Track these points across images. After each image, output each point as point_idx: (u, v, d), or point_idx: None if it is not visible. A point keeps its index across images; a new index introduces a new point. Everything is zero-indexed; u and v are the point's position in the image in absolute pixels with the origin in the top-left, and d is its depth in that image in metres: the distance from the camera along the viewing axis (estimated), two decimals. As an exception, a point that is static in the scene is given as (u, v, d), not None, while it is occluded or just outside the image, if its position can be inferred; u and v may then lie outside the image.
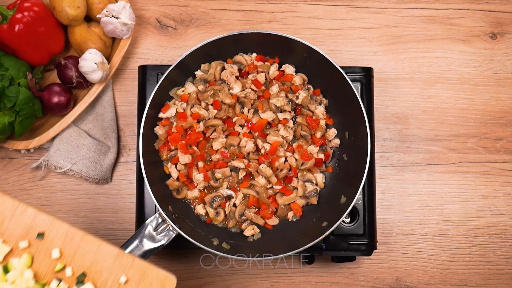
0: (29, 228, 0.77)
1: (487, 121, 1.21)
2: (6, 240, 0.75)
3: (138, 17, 1.22)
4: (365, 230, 1.07)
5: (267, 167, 1.05)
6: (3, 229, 0.76)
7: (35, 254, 0.77)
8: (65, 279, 0.76)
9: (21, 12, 1.05)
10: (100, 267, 0.77)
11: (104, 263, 0.77)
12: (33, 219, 0.77)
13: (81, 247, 0.77)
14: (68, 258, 0.77)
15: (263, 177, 1.06)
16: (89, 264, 0.77)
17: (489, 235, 1.18)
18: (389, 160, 1.20)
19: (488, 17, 1.25)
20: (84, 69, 1.09)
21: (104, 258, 0.77)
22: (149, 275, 0.77)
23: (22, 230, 0.77)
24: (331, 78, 1.06)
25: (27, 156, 1.17)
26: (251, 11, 1.23)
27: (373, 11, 1.24)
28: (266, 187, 1.07)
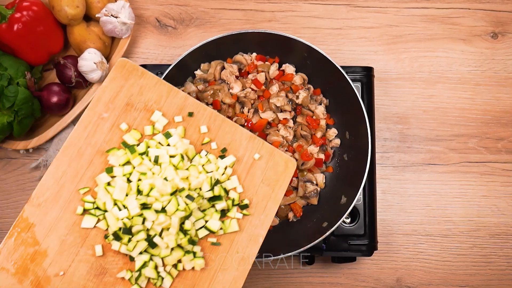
0: (181, 108, 0.92)
1: (488, 121, 1.21)
2: (164, 114, 0.90)
3: (138, 17, 1.22)
4: (366, 231, 1.07)
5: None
6: (161, 105, 0.91)
7: (187, 127, 0.92)
8: (211, 151, 0.92)
9: (20, 11, 1.05)
10: (237, 145, 0.92)
11: (241, 142, 0.93)
12: (184, 100, 0.92)
13: (222, 127, 0.93)
14: (213, 134, 0.93)
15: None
16: (229, 142, 0.92)
17: (490, 235, 1.17)
18: (390, 160, 1.20)
19: (489, 17, 1.24)
20: (83, 69, 1.08)
21: (240, 138, 0.93)
22: (275, 155, 0.93)
23: (175, 108, 0.91)
24: (332, 77, 1.06)
25: (26, 156, 1.17)
26: (251, 10, 1.23)
27: (374, 10, 1.24)
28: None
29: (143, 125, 0.90)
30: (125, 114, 0.89)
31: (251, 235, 0.90)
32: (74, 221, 0.85)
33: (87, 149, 0.87)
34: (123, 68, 0.91)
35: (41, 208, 0.84)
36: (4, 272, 0.81)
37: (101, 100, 0.89)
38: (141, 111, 0.90)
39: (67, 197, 0.85)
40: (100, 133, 0.88)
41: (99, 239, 0.85)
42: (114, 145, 0.88)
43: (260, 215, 0.91)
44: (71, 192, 0.85)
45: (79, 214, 0.85)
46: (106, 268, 0.84)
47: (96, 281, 0.84)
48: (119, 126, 0.89)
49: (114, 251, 0.85)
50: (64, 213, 0.85)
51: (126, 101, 0.90)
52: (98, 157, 0.87)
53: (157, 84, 0.92)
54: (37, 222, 0.84)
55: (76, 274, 0.83)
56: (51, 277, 0.82)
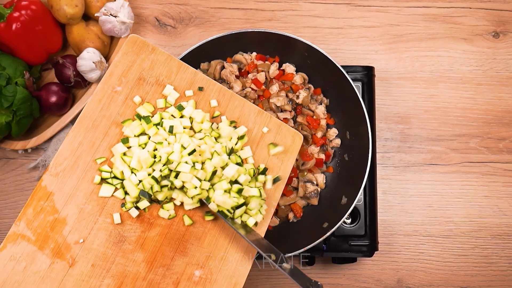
0: (191, 82, 0.95)
1: (490, 120, 1.21)
2: (175, 88, 0.94)
3: (137, 16, 1.21)
4: (366, 231, 1.07)
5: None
6: (172, 80, 0.94)
7: (198, 101, 0.95)
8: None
9: (19, 10, 1.04)
10: (246, 119, 0.97)
11: (249, 116, 0.97)
12: (194, 75, 0.96)
13: (231, 102, 0.97)
14: (222, 109, 0.96)
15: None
16: (238, 116, 0.97)
17: (492, 236, 1.17)
18: (391, 160, 1.19)
19: (491, 16, 1.24)
20: (82, 68, 1.08)
21: (248, 112, 0.97)
22: (283, 129, 0.98)
23: (186, 83, 0.95)
24: (332, 77, 1.06)
25: (25, 156, 1.17)
26: (251, 10, 1.23)
27: (375, 9, 1.23)
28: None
29: (155, 99, 0.93)
30: (138, 87, 0.93)
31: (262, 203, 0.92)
32: (92, 190, 0.87)
33: (102, 121, 0.90)
34: (134, 43, 0.94)
35: (59, 177, 0.87)
36: (24, 240, 0.83)
37: (114, 74, 0.92)
38: (153, 85, 0.94)
39: (84, 167, 0.88)
40: (114, 106, 0.91)
41: (117, 208, 0.87)
42: (128, 117, 0.91)
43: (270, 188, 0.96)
44: (87, 162, 0.88)
45: (96, 184, 0.88)
46: (124, 236, 0.87)
47: (115, 249, 0.86)
48: (132, 99, 0.92)
49: (131, 219, 0.87)
50: (82, 182, 0.87)
51: (138, 75, 0.93)
52: (113, 129, 0.90)
53: (167, 60, 0.95)
54: (56, 191, 0.86)
55: (96, 241, 0.86)
56: (71, 244, 0.85)
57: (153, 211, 0.89)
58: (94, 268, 0.84)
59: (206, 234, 0.90)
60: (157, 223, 0.88)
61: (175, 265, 0.87)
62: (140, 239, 0.87)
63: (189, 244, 0.89)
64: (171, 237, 0.88)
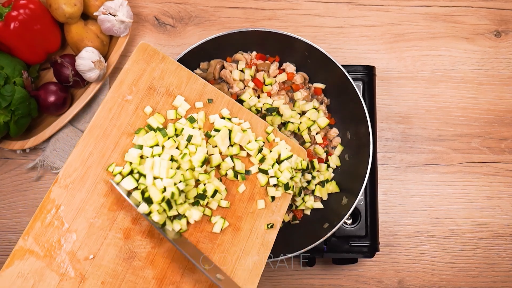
0: (201, 94, 0.95)
1: (492, 120, 1.20)
2: (185, 99, 0.93)
3: (136, 15, 1.21)
4: (367, 232, 1.06)
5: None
6: (182, 91, 0.93)
7: (207, 112, 0.95)
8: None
9: (17, 9, 1.04)
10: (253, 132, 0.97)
11: (256, 130, 0.97)
12: (204, 87, 0.95)
13: (239, 115, 0.97)
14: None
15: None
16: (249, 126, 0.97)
17: (494, 237, 1.17)
18: (392, 160, 1.19)
19: (493, 15, 1.23)
20: (81, 68, 1.07)
21: (256, 126, 0.98)
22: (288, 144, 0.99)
23: (196, 94, 0.94)
24: (333, 77, 1.05)
25: (23, 156, 1.16)
26: (251, 9, 1.22)
27: (375, 8, 1.23)
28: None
29: (166, 109, 0.91)
30: (148, 97, 0.91)
31: (268, 221, 0.94)
32: (102, 204, 0.85)
33: (112, 130, 0.88)
34: (144, 51, 0.92)
35: (68, 189, 0.84)
36: (33, 256, 0.81)
37: (124, 82, 0.91)
38: (163, 95, 0.92)
39: (94, 178, 0.86)
40: (125, 115, 0.89)
41: (127, 222, 0.85)
42: (139, 127, 0.89)
43: (276, 201, 0.96)
44: (98, 174, 0.86)
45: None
46: (134, 252, 0.85)
47: (125, 265, 0.84)
48: (143, 109, 0.90)
49: (142, 234, 0.86)
50: (92, 195, 0.85)
51: (148, 84, 0.92)
52: (124, 139, 0.88)
53: (177, 70, 0.94)
54: (65, 204, 0.84)
55: (106, 257, 0.83)
56: (81, 261, 0.82)
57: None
58: (104, 286, 0.82)
59: (215, 250, 0.89)
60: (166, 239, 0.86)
61: (185, 282, 0.86)
62: (150, 255, 0.86)
63: (198, 260, 0.87)
64: (181, 254, 0.86)
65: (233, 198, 0.92)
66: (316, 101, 1.08)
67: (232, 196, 0.93)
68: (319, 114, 1.06)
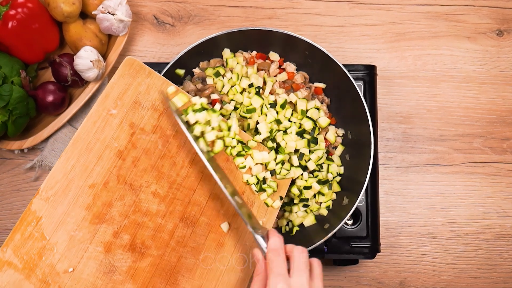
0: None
1: (494, 120, 1.19)
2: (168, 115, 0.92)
3: (135, 14, 1.20)
4: (368, 233, 1.06)
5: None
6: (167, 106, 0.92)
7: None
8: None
9: (15, 8, 1.03)
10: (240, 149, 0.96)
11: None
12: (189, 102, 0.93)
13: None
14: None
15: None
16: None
17: (496, 237, 1.16)
18: (393, 160, 1.18)
19: (495, 14, 1.23)
20: (79, 67, 1.07)
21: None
22: None
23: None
24: (333, 76, 1.05)
25: (21, 156, 1.16)
26: (251, 7, 1.21)
27: (376, 7, 1.22)
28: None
29: (151, 124, 0.91)
30: (133, 111, 0.91)
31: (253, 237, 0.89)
32: (83, 217, 0.85)
33: (96, 144, 0.88)
34: (130, 66, 0.92)
35: (49, 201, 0.84)
36: (11, 268, 0.81)
37: (109, 96, 0.90)
38: (149, 110, 0.92)
39: (76, 191, 0.85)
40: (109, 129, 0.89)
41: (109, 236, 0.85)
42: (123, 142, 0.89)
43: (262, 217, 0.95)
44: (80, 187, 0.86)
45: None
46: (115, 265, 0.84)
47: (105, 279, 0.83)
48: (128, 124, 0.90)
49: (123, 248, 0.85)
50: (73, 207, 0.85)
51: (134, 99, 0.91)
52: (107, 153, 0.88)
53: (163, 84, 0.93)
54: (46, 216, 0.83)
55: (85, 271, 0.83)
56: (60, 274, 0.82)
57: (144, 241, 0.86)
58: None
59: (198, 265, 0.88)
60: (149, 253, 0.86)
61: None
62: (131, 269, 0.85)
63: (180, 275, 0.87)
64: (163, 268, 0.86)
65: (217, 213, 0.92)
66: (317, 101, 1.07)
67: (216, 211, 0.92)
68: (319, 114, 1.06)
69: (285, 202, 1.04)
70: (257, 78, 1.05)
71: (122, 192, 0.87)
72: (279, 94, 1.05)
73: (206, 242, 0.90)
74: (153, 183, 0.89)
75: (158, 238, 0.87)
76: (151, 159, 0.90)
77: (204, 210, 0.91)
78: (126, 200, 0.87)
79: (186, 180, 0.91)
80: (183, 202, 0.90)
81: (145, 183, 0.88)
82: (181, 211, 0.89)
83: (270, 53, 1.10)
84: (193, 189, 0.91)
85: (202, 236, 0.89)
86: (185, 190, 0.90)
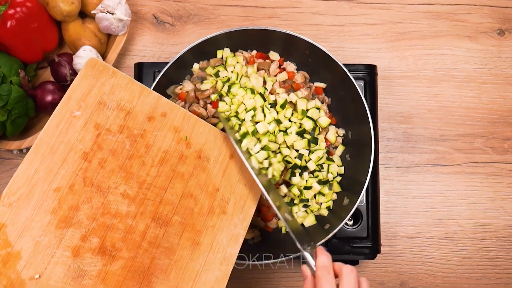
0: (155, 107, 0.92)
1: (495, 120, 1.19)
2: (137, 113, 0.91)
3: (134, 13, 1.20)
4: (369, 233, 1.05)
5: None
6: (134, 105, 0.91)
7: (161, 127, 0.92)
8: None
9: (13, 7, 1.03)
10: (212, 145, 0.95)
11: (215, 142, 0.96)
12: (157, 100, 0.93)
13: (196, 127, 0.95)
14: (187, 134, 0.94)
15: (263, 179, 1.04)
16: (204, 142, 0.95)
17: (497, 238, 1.16)
18: (394, 160, 1.18)
19: (496, 13, 1.22)
20: (79, 67, 1.07)
21: (214, 138, 0.96)
22: None
23: (149, 108, 0.92)
24: (334, 76, 1.05)
25: (20, 156, 1.15)
26: (250, 7, 1.21)
27: (377, 6, 1.22)
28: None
29: (117, 124, 0.89)
30: (98, 112, 0.88)
31: (231, 235, 0.91)
32: (49, 221, 0.82)
33: (60, 147, 0.85)
34: (93, 67, 0.90)
35: (12, 207, 0.81)
36: None
37: (72, 98, 0.88)
38: (114, 110, 0.89)
39: (40, 195, 0.82)
40: (73, 131, 0.86)
41: (76, 240, 0.82)
42: (88, 143, 0.86)
43: (239, 214, 0.93)
44: (44, 191, 0.83)
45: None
46: (84, 270, 0.82)
47: (75, 284, 0.81)
48: (92, 125, 0.88)
49: (92, 251, 0.83)
50: (38, 212, 0.82)
51: (98, 99, 0.89)
52: (71, 155, 0.85)
53: (128, 84, 0.91)
54: (9, 223, 0.80)
55: (53, 277, 0.80)
56: (26, 281, 0.79)
57: (115, 243, 0.84)
58: None
59: (172, 266, 0.86)
60: (120, 256, 0.84)
61: None
62: (102, 273, 0.82)
63: (154, 277, 0.85)
64: (135, 271, 0.84)
65: (191, 212, 0.90)
66: (317, 100, 1.07)
67: (190, 210, 0.90)
68: (320, 113, 1.05)
69: (286, 203, 1.04)
70: (257, 77, 1.04)
71: (89, 195, 0.84)
72: (279, 94, 1.05)
73: (181, 241, 0.88)
74: (122, 184, 0.87)
75: (129, 240, 0.85)
76: (119, 159, 0.88)
77: (177, 209, 0.89)
78: (93, 202, 0.84)
79: (157, 179, 0.89)
80: (154, 202, 0.88)
81: (113, 184, 0.86)
82: (152, 211, 0.87)
83: (270, 52, 1.09)
84: (164, 188, 0.89)
85: (176, 236, 0.88)
86: (156, 190, 0.88)
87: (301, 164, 1.02)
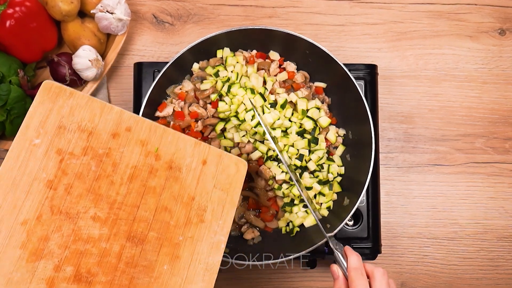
0: (118, 123, 0.89)
1: (496, 120, 1.19)
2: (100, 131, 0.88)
3: (134, 13, 1.19)
4: (369, 233, 1.05)
5: (267, 169, 1.03)
6: (96, 123, 0.88)
7: (127, 142, 0.89)
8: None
9: (12, 7, 1.02)
10: (183, 154, 0.91)
11: (186, 150, 0.91)
12: (120, 116, 0.89)
13: (164, 137, 0.91)
14: (156, 145, 0.90)
15: (263, 179, 1.03)
16: (174, 151, 0.91)
17: (498, 238, 1.16)
18: (394, 160, 1.17)
19: (497, 13, 1.22)
20: (78, 67, 1.06)
21: (184, 146, 0.91)
22: (224, 158, 0.92)
23: (112, 124, 0.88)
24: (334, 75, 1.04)
25: (19, 156, 1.15)
26: (250, 6, 1.21)
27: (378, 6, 1.22)
28: (266, 189, 1.04)
29: (80, 147, 0.86)
30: (59, 137, 0.85)
31: (211, 243, 0.88)
32: (19, 256, 0.79)
33: (22, 178, 0.82)
34: (49, 90, 0.86)
35: None
36: None
37: (30, 126, 0.84)
38: (75, 132, 0.86)
39: (7, 232, 0.80)
40: (34, 160, 0.83)
41: (49, 271, 0.79)
42: (51, 170, 0.84)
43: (218, 220, 0.89)
44: (10, 226, 0.80)
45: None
46: None
47: None
48: (54, 151, 0.84)
49: (67, 280, 0.80)
50: (6, 249, 0.79)
51: (57, 123, 0.85)
52: (35, 185, 0.83)
53: (88, 102, 0.88)
54: None
55: None
56: None
57: (90, 268, 0.82)
58: None
59: (153, 284, 0.84)
60: (96, 281, 0.81)
61: None
62: None
63: None
64: None
65: (167, 225, 0.87)
66: (318, 100, 1.07)
67: (165, 223, 0.87)
68: (320, 113, 1.05)
69: (286, 203, 1.04)
70: (257, 77, 1.04)
71: (58, 223, 0.81)
72: (279, 94, 1.04)
73: (159, 257, 0.85)
74: (92, 207, 0.84)
75: (105, 263, 0.82)
76: (86, 182, 0.85)
77: (152, 225, 0.86)
78: (63, 230, 0.81)
79: (128, 197, 0.86)
80: (127, 221, 0.85)
81: (83, 208, 0.83)
82: (126, 230, 0.85)
83: (270, 52, 1.09)
84: (136, 206, 0.86)
85: (153, 253, 0.85)
86: (128, 208, 0.85)
87: (301, 164, 1.01)
